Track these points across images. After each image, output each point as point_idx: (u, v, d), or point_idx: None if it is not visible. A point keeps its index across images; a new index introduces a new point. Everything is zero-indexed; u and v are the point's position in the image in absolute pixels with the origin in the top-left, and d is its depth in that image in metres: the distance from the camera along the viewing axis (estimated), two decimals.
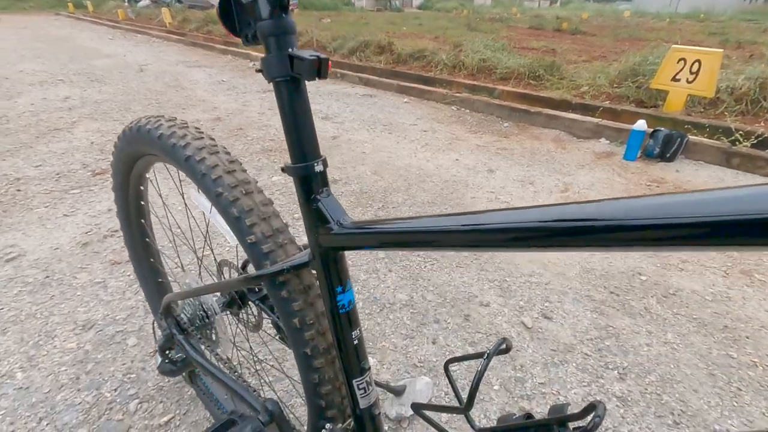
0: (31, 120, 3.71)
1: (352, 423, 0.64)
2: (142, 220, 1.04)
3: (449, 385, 1.28)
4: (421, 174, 2.80)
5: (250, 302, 0.80)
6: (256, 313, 0.82)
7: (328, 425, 0.66)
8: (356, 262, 1.89)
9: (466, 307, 1.62)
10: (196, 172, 0.64)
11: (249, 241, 0.61)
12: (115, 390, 1.25)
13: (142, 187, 0.96)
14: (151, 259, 1.16)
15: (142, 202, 1.00)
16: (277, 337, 0.82)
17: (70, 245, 1.96)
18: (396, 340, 1.46)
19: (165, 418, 1.17)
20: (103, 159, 2.92)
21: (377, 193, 2.52)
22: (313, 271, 0.61)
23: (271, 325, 0.82)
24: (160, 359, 0.89)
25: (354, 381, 0.60)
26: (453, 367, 1.35)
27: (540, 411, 1.21)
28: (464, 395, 0.44)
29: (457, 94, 4.53)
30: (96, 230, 2.09)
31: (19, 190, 2.44)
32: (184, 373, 1.03)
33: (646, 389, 1.29)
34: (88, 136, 3.37)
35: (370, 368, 0.61)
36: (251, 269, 0.67)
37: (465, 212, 0.37)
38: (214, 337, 0.87)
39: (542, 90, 4.52)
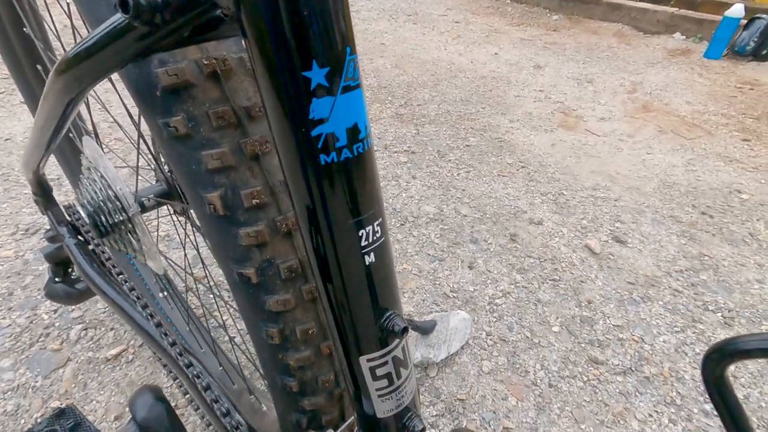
0: None
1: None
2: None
3: (493, 322, 0.96)
4: (452, 68, 2.29)
5: None
6: None
7: None
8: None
9: (511, 225, 1.25)
10: None
11: None
12: (55, 311, 0.96)
13: None
14: None
15: None
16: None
17: (24, 136, 1.60)
18: (421, 263, 1.12)
19: (114, 351, 0.88)
20: None
21: (398, 89, 2.05)
22: None
23: None
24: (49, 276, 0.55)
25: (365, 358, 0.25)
26: (498, 300, 1.02)
27: (617, 365, 0.89)
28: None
29: None
30: None
31: None
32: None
33: None
34: None
35: (407, 328, 0.25)
36: None
37: None
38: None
39: None
